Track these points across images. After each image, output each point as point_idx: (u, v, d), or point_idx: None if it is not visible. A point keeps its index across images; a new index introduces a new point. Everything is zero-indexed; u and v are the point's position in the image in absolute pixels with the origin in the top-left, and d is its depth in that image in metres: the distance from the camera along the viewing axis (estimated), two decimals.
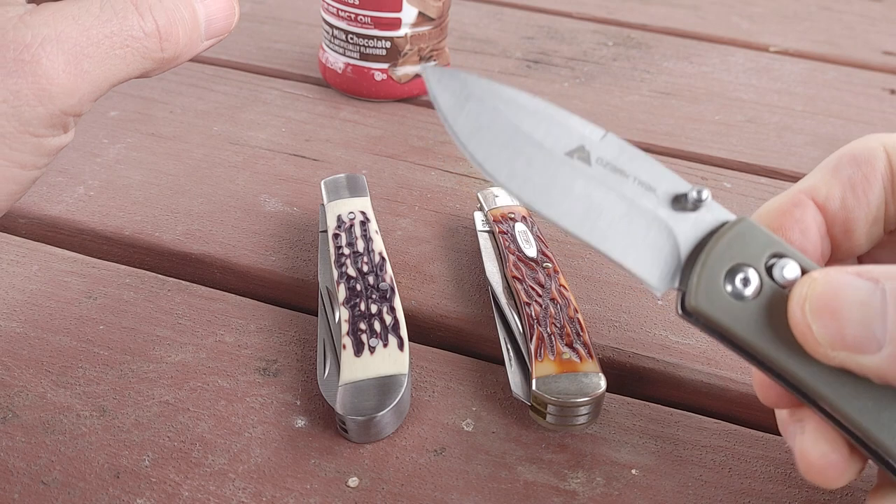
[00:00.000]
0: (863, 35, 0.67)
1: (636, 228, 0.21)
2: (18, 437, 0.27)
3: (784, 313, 0.20)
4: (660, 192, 0.21)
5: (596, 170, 0.21)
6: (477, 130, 0.20)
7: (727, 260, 0.20)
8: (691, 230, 0.21)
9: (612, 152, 0.21)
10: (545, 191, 0.20)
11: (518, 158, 0.20)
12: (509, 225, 0.34)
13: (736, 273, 0.20)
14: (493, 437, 0.28)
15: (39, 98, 0.22)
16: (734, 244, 0.20)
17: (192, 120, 0.47)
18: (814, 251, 0.23)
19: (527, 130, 0.20)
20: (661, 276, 0.21)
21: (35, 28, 0.22)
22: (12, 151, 0.23)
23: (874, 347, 0.19)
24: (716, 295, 0.20)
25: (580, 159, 0.20)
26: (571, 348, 0.28)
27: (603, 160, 0.21)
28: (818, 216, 0.23)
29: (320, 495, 0.25)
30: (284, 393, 0.29)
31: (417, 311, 0.33)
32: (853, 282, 0.19)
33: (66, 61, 0.22)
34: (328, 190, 0.36)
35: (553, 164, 0.20)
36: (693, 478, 0.27)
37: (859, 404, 0.20)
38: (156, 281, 0.34)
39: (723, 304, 0.20)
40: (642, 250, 0.21)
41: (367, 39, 0.47)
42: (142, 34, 0.24)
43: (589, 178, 0.20)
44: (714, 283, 0.20)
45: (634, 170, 0.21)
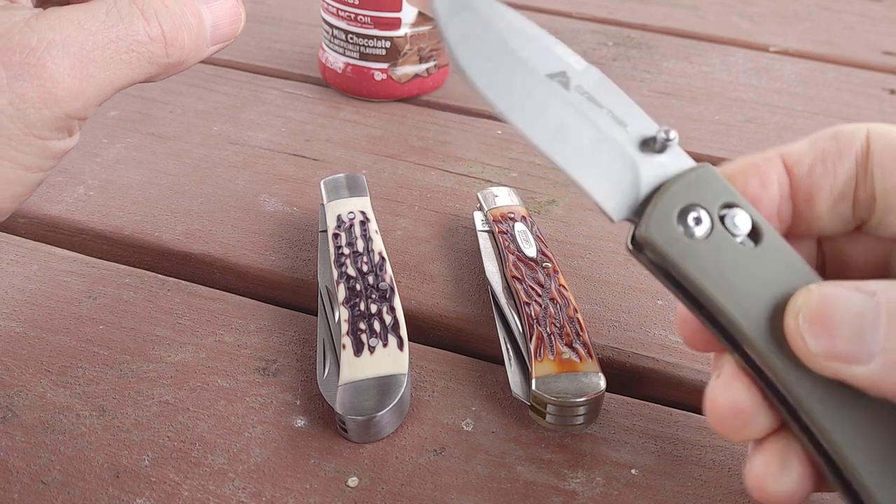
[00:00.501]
0: (863, 35, 0.67)
1: (602, 156, 0.21)
2: (18, 437, 0.27)
3: (730, 259, 0.21)
4: (630, 129, 0.22)
5: (573, 95, 0.21)
6: (467, 38, 0.20)
7: (683, 198, 0.21)
8: (654, 169, 0.22)
9: (592, 84, 0.22)
10: (521, 104, 0.21)
11: (501, 70, 0.20)
12: (509, 225, 0.34)
13: (689, 212, 0.21)
14: (492, 437, 0.28)
15: (45, 101, 0.22)
16: (691, 185, 0.21)
17: (192, 120, 0.47)
18: (769, 204, 0.23)
19: (514, 47, 0.21)
20: (617, 204, 0.21)
21: (41, 32, 0.22)
22: (17, 154, 0.23)
23: (866, 358, 0.19)
24: (667, 228, 0.21)
25: (560, 83, 0.21)
26: (571, 348, 0.28)
27: (581, 88, 0.21)
28: (784, 176, 0.23)
29: (320, 495, 0.25)
30: (284, 393, 0.29)
31: (417, 311, 0.33)
32: (849, 294, 0.19)
33: (71, 65, 0.23)
34: (328, 190, 0.36)
35: (533, 81, 0.21)
36: (693, 478, 0.27)
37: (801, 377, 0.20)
38: (156, 281, 0.34)
39: (672, 238, 0.21)
40: (604, 177, 0.21)
41: (367, 39, 0.47)
42: (147, 39, 0.24)
43: (565, 101, 0.21)
44: (667, 217, 0.21)
45: (610, 103, 0.22)
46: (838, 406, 0.20)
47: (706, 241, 0.21)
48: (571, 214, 0.40)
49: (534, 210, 0.40)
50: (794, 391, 0.20)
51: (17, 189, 0.24)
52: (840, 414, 0.20)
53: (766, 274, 0.21)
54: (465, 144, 0.46)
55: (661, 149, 0.22)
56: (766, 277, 0.21)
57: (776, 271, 0.21)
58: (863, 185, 0.23)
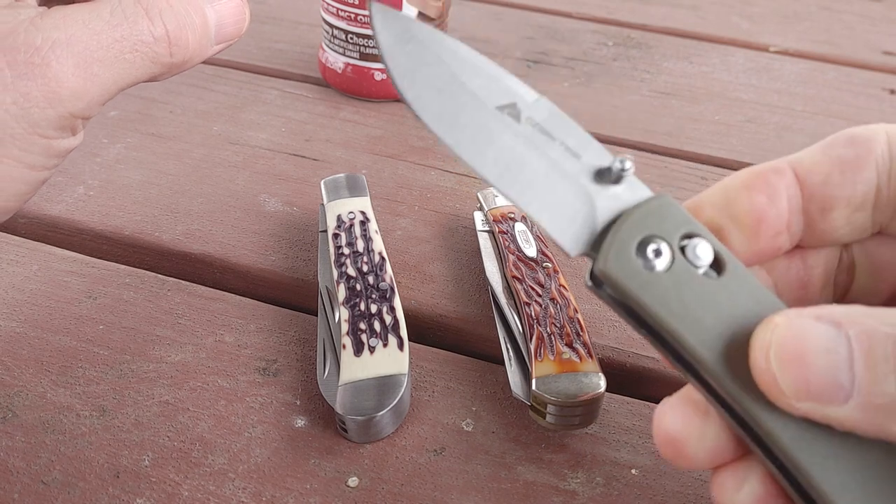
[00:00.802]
0: (863, 35, 0.67)
1: (556, 189, 0.21)
2: (18, 437, 0.27)
3: (692, 292, 0.20)
4: (584, 160, 0.21)
5: (524, 128, 0.21)
6: (413, 71, 0.20)
7: (641, 230, 0.20)
8: (610, 201, 0.21)
9: (543, 115, 0.21)
10: (471, 138, 0.20)
11: (449, 103, 0.20)
12: (509, 225, 0.34)
13: (647, 244, 0.20)
14: (492, 437, 0.28)
15: (49, 100, 0.23)
16: (649, 216, 0.20)
17: (192, 120, 0.47)
18: (777, 220, 0.22)
19: (463, 79, 0.20)
20: (574, 239, 0.21)
21: (45, 31, 0.22)
22: (21, 152, 0.23)
23: (841, 398, 0.18)
24: (625, 262, 0.20)
25: (510, 115, 0.21)
26: (571, 348, 0.28)
27: (532, 120, 0.21)
28: (794, 188, 0.22)
29: (320, 495, 0.25)
30: (284, 393, 0.29)
31: (417, 311, 0.33)
32: (815, 327, 0.18)
33: (75, 64, 0.23)
34: (328, 190, 0.36)
35: (482, 115, 0.20)
36: (693, 478, 0.27)
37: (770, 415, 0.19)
38: (156, 281, 0.34)
39: (631, 272, 0.20)
40: (559, 211, 0.21)
41: (367, 39, 0.47)
42: (151, 39, 0.24)
43: (516, 134, 0.21)
44: (625, 250, 0.20)
45: (562, 135, 0.21)
46: (811, 440, 0.19)
47: (667, 274, 0.20)
48: None
49: None
50: (763, 425, 0.19)
51: (21, 187, 0.24)
52: (813, 448, 0.19)
53: (730, 305, 0.20)
54: None
55: (617, 179, 0.21)
56: (730, 309, 0.20)
57: (740, 302, 0.20)
58: (886, 192, 0.21)
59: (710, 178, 0.44)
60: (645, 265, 0.20)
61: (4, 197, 0.23)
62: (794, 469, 0.19)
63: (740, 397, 0.19)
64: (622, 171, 0.21)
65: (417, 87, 0.20)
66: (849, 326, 0.18)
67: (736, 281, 0.20)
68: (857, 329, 0.18)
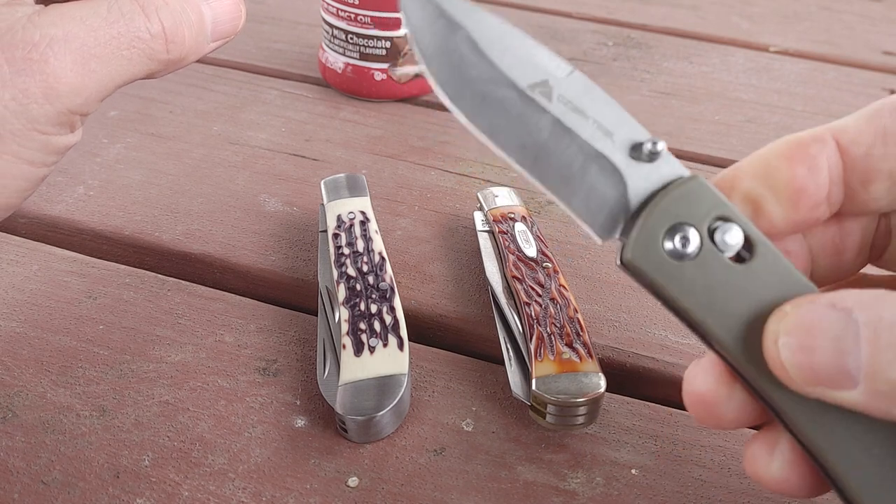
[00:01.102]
0: (863, 35, 0.67)
1: (586, 176, 0.20)
2: (18, 437, 0.27)
3: (719, 279, 0.20)
4: (617, 138, 0.20)
5: (556, 106, 0.20)
6: (442, 52, 0.19)
7: (670, 217, 0.20)
8: (643, 182, 0.20)
9: (576, 91, 0.20)
10: (500, 123, 0.20)
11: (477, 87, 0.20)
12: (509, 225, 0.34)
13: (676, 231, 0.20)
14: (492, 437, 0.28)
15: (47, 96, 0.23)
16: (680, 202, 0.20)
17: (192, 120, 0.47)
18: (817, 191, 0.21)
19: (492, 58, 0.20)
20: (604, 224, 0.21)
21: (43, 28, 0.23)
22: (21, 149, 0.23)
23: (849, 384, 0.18)
24: (653, 251, 0.20)
25: (541, 93, 0.20)
26: (571, 348, 0.28)
27: (564, 97, 0.20)
28: (836, 158, 0.21)
29: (320, 495, 0.25)
30: (284, 393, 0.29)
31: (417, 311, 0.33)
32: (826, 315, 0.18)
33: (73, 61, 0.23)
34: (328, 190, 0.36)
35: (512, 97, 0.20)
36: (693, 478, 0.27)
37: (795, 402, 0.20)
38: (156, 281, 0.34)
39: (658, 261, 0.20)
40: (589, 196, 0.20)
41: (367, 39, 0.47)
42: (148, 35, 0.24)
43: (547, 116, 0.20)
44: (653, 238, 0.20)
45: (595, 111, 0.20)
46: (826, 421, 0.19)
47: (693, 263, 0.20)
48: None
49: (534, 210, 0.40)
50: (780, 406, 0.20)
51: (21, 184, 0.24)
52: (828, 428, 0.19)
53: (757, 290, 0.20)
54: (465, 144, 0.46)
55: (650, 159, 0.20)
56: (756, 294, 0.20)
57: (767, 287, 0.20)
58: None
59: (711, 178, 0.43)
60: (671, 255, 0.20)
61: (6, 194, 0.24)
62: (811, 447, 0.20)
63: (759, 380, 0.20)
64: (654, 153, 0.20)
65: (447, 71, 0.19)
66: (859, 312, 0.18)
67: (765, 264, 0.20)
68: (867, 315, 0.18)
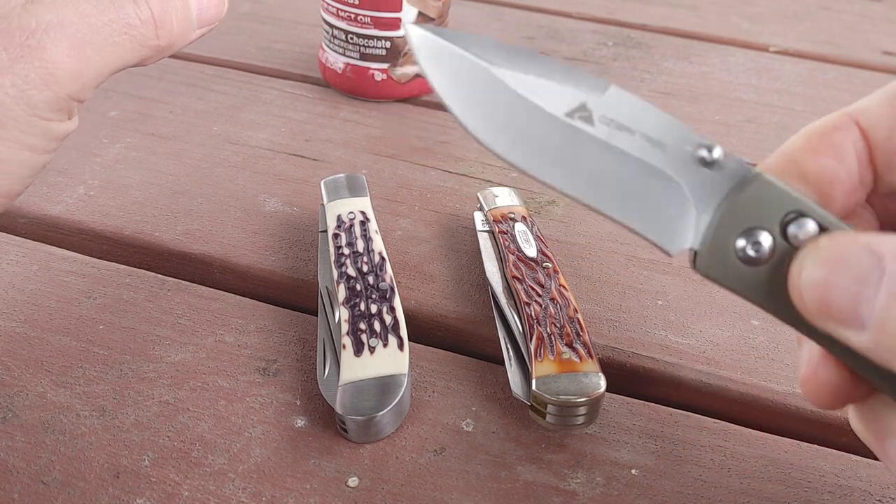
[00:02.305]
0: (863, 35, 0.67)
1: (644, 189, 0.20)
2: (18, 437, 0.27)
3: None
4: (669, 150, 0.20)
5: (600, 129, 0.19)
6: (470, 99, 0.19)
7: (738, 223, 0.20)
8: (704, 189, 0.20)
9: (616, 108, 0.20)
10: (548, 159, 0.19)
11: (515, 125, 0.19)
12: (509, 225, 0.34)
13: (747, 237, 0.19)
14: (493, 437, 0.28)
15: (46, 82, 0.23)
16: (746, 206, 0.20)
17: (192, 120, 0.47)
18: (849, 179, 0.21)
19: (523, 93, 0.19)
20: (671, 237, 0.20)
21: (39, 15, 0.23)
22: (23, 135, 0.23)
23: (857, 326, 0.18)
24: (725, 260, 0.20)
25: (582, 119, 0.19)
26: (571, 348, 0.28)
27: (606, 117, 0.20)
28: (860, 142, 0.21)
29: (320, 495, 0.25)
30: (284, 393, 0.29)
31: (417, 311, 0.33)
32: (858, 254, 0.18)
33: (69, 46, 0.23)
34: (328, 190, 0.36)
35: (554, 131, 0.19)
36: (693, 478, 0.27)
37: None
38: (156, 281, 0.34)
39: (732, 269, 0.20)
40: (651, 212, 0.20)
41: (367, 39, 0.47)
42: (138, 22, 0.25)
43: (593, 139, 0.19)
44: (723, 248, 0.20)
45: (641, 125, 0.20)
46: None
47: (770, 265, 0.19)
48: (571, 214, 0.40)
49: (534, 210, 0.40)
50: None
51: (23, 171, 0.24)
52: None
53: None
54: (465, 144, 0.46)
55: (707, 165, 0.20)
56: None
57: None
58: None
59: None
60: (745, 261, 0.19)
61: (8, 181, 0.24)
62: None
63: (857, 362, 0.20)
64: (711, 158, 0.20)
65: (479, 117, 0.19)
66: (891, 262, 0.18)
67: None
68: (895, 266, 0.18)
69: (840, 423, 0.29)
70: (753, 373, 0.31)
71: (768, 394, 0.30)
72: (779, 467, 0.27)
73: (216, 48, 0.55)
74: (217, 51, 0.55)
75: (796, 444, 0.28)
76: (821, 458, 0.28)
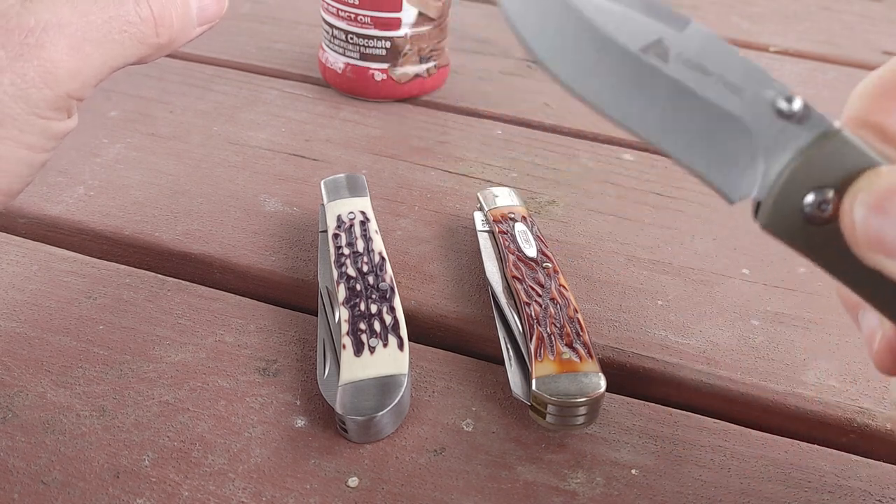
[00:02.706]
0: (863, 35, 0.67)
1: (714, 133, 0.19)
2: (18, 437, 0.27)
3: None
4: (747, 95, 0.19)
5: (675, 67, 0.19)
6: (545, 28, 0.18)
7: (807, 182, 0.19)
8: (777, 139, 0.19)
9: (694, 47, 0.19)
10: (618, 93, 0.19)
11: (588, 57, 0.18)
12: (509, 225, 0.34)
13: (814, 195, 0.19)
14: (493, 437, 0.28)
15: (45, 80, 0.23)
16: (821, 163, 0.19)
17: (192, 120, 0.47)
18: None
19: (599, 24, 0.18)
20: (735, 184, 0.19)
21: (37, 13, 0.23)
22: (22, 133, 0.23)
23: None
24: (790, 217, 0.19)
25: (657, 55, 0.19)
26: (571, 348, 0.28)
27: (682, 56, 0.19)
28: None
29: (320, 495, 0.25)
30: (284, 393, 0.29)
31: (417, 311, 0.33)
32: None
33: (68, 45, 0.23)
34: (328, 190, 0.36)
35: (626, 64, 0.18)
36: (693, 478, 0.27)
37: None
38: (156, 281, 0.34)
39: (796, 227, 0.19)
40: (718, 157, 0.19)
41: (367, 39, 0.47)
42: (138, 19, 0.25)
43: (666, 78, 0.19)
44: (789, 204, 0.19)
45: (719, 67, 0.19)
46: None
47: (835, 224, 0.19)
48: (571, 214, 0.40)
49: (534, 210, 0.40)
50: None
51: (22, 169, 0.24)
52: None
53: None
54: (465, 144, 0.46)
55: (784, 115, 0.19)
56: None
57: None
58: None
59: None
60: (810, 220, 0.19)
61: (7, 179, 0.24)
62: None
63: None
64: (788, 112, 0.19)
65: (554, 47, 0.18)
66: None
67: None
68: None
69: (840, 423, 0.30)
70: (753, 373, 0.31)
71: (768, 394, 0.30)
72: (779, 467, 0.27)
73: (216, 48, 0.55)
74: (217, 51, 0.55)
75: (796, 444, 0.28)
76: (821, 458, 0.28)
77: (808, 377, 0.31)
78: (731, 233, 0.39)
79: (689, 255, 0.38)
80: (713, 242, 0.38)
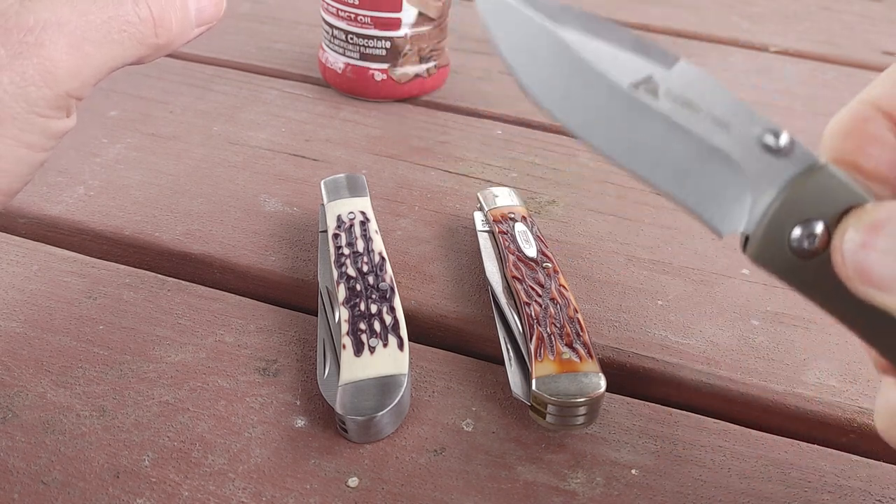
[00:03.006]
0: (863, 35, 0.67)
1: (703, 168, 0.19)
2: (18, 437, 0.27)
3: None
4: (734, 131, 0.19)
5: (664, 104, 0.19)
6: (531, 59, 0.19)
7: (794, 214, 0.19)
8: (764, 173, 0.19)
9: (684, 83, 0.19)
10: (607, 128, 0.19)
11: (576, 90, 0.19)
12: (509, 225, 0.34)
13: (802, 229, 0.19)
14: (493, 437, 0.28)
15: (45, 79, 0.23)
16: (808, 196, 0.19)
17: (192, 120, 0.47)
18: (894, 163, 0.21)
19: (588, 59, 0.19)
20: (724, 218, 0.20)
21: (36, 12, 0.23)
22: (22, 132, 0.23)
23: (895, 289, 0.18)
24: (777, 249, 0.19)
25: (647, 91, 0.19)
26: (571, 348, 0.28)
27: (672, 92, 0.19)
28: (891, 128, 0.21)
29: (320, 495, 0.25)
30: (284, 393, 0.29)
31: (417, 311, 0.33)
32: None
33: (68, 44, 0.23)
34: (328, 190, 0.36)
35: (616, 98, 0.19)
36: (693, 478, 0.27)
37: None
38: (156, 281, 0.34)
39: (784, 260, 0.19)
40: (707, 191, 0.19)
41: (367, 39, 0.47)
42: (137, 20, 0.25)
43: (655, 113, 0.19)
44: (777, 236, 0.19)
45: (708, 103, 0.19)
46: None
47: (820, 259, 0.19)
48: (571, 214, 0.40)
49: (534, 210, 0.40)
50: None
51: (22, 168, 0.24)
52: None
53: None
54: (465, 144, 0.46)
55: (772, 151, 0.19)
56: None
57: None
58: None
59: None
60: (798, 253, 0.19)
61: (7, 178, 0.24)
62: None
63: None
64: (775, 147, 0.19)
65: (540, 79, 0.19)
66: None
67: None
68: None
69: (840, 423, 0.30)
70: (753, 373, 0.31)
71: (768, 394, 0.30)
72: (779, 467, 0.27)
73: (216, 48, 0.55)
74: (217, 51, 0.55)
75: (796, 444, 0.28)
76: (821, 458, 0.28)
77: (808, 377, 0.31)
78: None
79: (689, 255, 0.38)
80: (713, 242, 0.38)
